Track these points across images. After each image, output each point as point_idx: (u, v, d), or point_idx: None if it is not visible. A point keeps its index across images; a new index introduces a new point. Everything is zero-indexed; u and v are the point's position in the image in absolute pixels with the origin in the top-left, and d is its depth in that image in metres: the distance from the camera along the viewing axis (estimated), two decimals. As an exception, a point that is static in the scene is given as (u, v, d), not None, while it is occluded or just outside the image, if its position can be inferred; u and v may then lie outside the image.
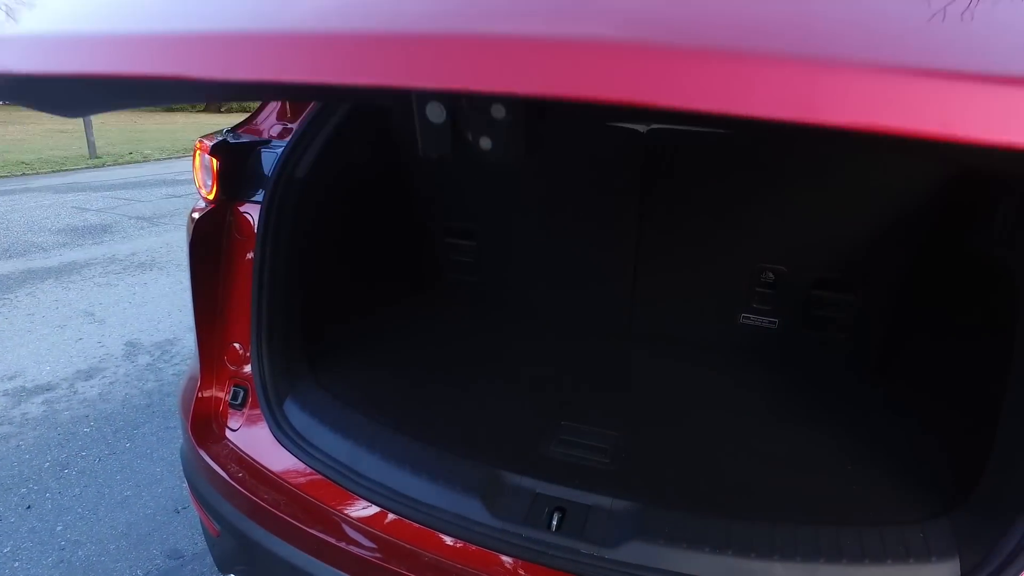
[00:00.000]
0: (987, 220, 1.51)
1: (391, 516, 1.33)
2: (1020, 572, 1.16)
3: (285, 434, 1.52)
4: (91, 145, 12.02)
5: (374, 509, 1.35)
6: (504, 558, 1.23)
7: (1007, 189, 1.40)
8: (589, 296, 2.08)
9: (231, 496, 1.49)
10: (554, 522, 1.27)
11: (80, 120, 12.25)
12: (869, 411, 1.71)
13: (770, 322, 1.92)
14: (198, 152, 1.69)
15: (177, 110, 24.09)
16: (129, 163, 12.00)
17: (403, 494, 1.34)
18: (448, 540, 1.28)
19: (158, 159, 12.57)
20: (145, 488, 2.78)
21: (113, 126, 17.83)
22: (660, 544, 1.21)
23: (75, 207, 7.95)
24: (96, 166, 11.41)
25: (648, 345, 2.01)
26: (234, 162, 1.67)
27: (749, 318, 1.92)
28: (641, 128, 1.70)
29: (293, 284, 1.70)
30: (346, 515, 1.37)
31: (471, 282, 2.22)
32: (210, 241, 1.66)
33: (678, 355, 1.96)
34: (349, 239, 2.13)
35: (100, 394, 3.52)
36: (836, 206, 1.65)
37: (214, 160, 1.64)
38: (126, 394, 3.52)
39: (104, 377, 3.71)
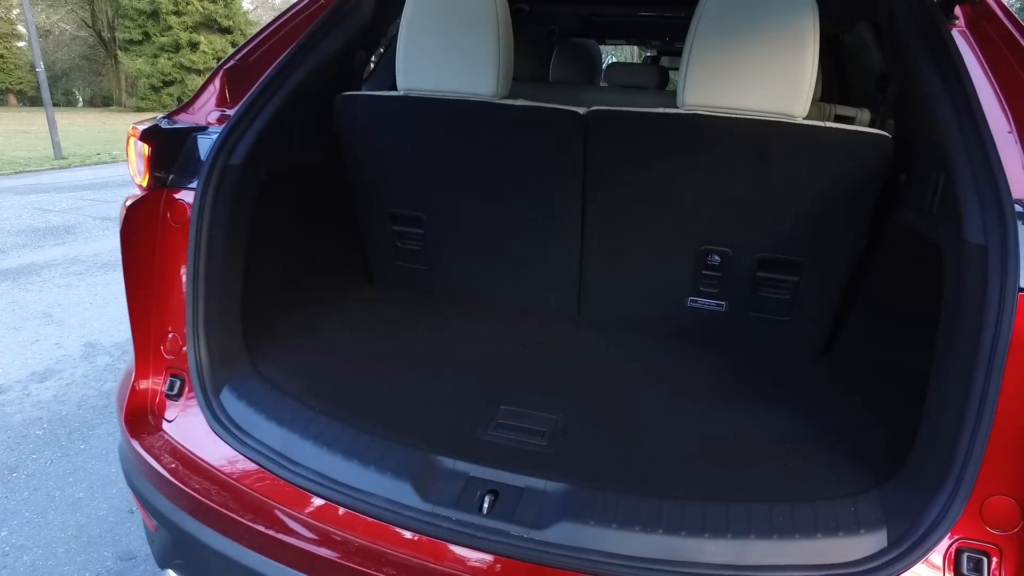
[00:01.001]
0: (920, 196, 1.53)
1: (322, 502, 1.31)
2: (942, 539, 1.18)
3: (220, 423, 1.49)
4: (56, 146, 11.78)
5: (305, 496, 1.33)
6: (434, 541, 1.22)
7: (938, 163, 1.42)
8: (537, 282, 2.07)
9: (164, 488, 1.45)
10: (485, 505, 1.26)
11: (45, 120, 12.00)
12: (812, 391, 1.73)
13: (717, 305, 1.92)
14: (131, 139, 1.65)
15: (148, 109, 23.72)
16: (97, 164, 11.78)
17: (334, 480, 1.33)
18: (378, 525, 1.26)
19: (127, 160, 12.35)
20: (99, 489, 2.72)
21: (81, 126, 17.50)
22: (590, 524, 1.21)
23: (37, 208, 7.78)
24: (62, 167, 11.19)
25: (596, 330, 2.01)
26: (167, 148, 1.64)
27: (697, 301, 1.93)
28: (581, 110, 1.69)
29: (230, 272, 1.67)
30: (278, 503, 1.35)
31: (420, 270, 2.20)
32: (142, 228, 1.62)
33: (625, 339, 1.96)
34: (291, 227, 2.10)
35: (55, 396, 3.44)
36: (776, 187, 1.65)
37: (145, 146, 1.61)
38: (83, 395, 3.45)
39: (60, 379, 3.63)
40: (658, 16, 3.19)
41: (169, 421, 1.61)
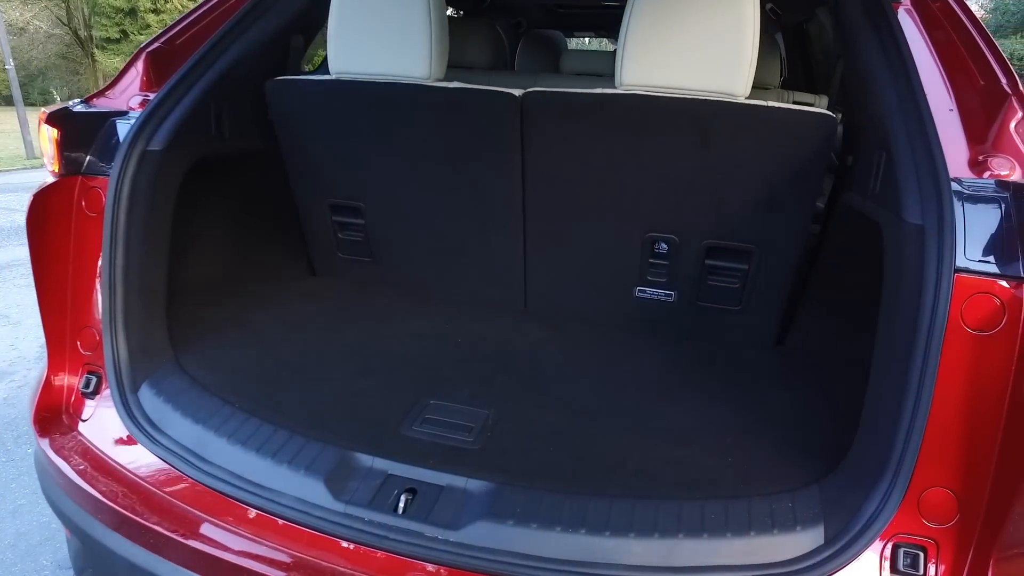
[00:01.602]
0: (865, 177, 1.48)
1: (231, 503, 1.24)
2: (878, 535, 1.13)
3: (134, 421, 1.42)
4: (28, 144, 11.57)
5: (215, 497, 1.26)
6: (343, 543, 1.15)
7: (880, 142, 1.37)
8: (482, 273, 2.00)
9: (72, 492, 1.37)
10: (401, 504, 1.20)
11: (16, 119, 11.79)
12: (761, 383, 1.67)
13: (666, 295, 1.86)
14: (41, 123, 1.57)
15: (127, 110, 23.30)
16: (69, 163, 11.54)
17: (245, 479, 1.26)
18: (288, 526, 1.19)
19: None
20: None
21: (57, 127, 17.18)
22: (508, 524, 1.15)
23: (4, 208, 7.61)
24: (34, 166, 10.98)
25: (542, 322, 1.94)
26: (77, 132, 1.55)
27: (645, 291, 1.87)
28: (516, 92, 1.63)
29: (151, 264, 1.59)
30: (187, 505, 1.28)
31: (363, 261, 2.12)
32: (54, 217, 1.54)
33: (571, 331, 1.89)
34: (228, 218, 2.02)
35: (5, 398, 3.33)
36: (720, 170, 1.60)
37: (53, 130, 1.52)
38: (33, 398, 3.33)
39: (12, 381, 3.51)
40: (620, 7, 3.13)
41: (84, 420, 1.53)
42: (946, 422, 1.13)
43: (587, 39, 8.14)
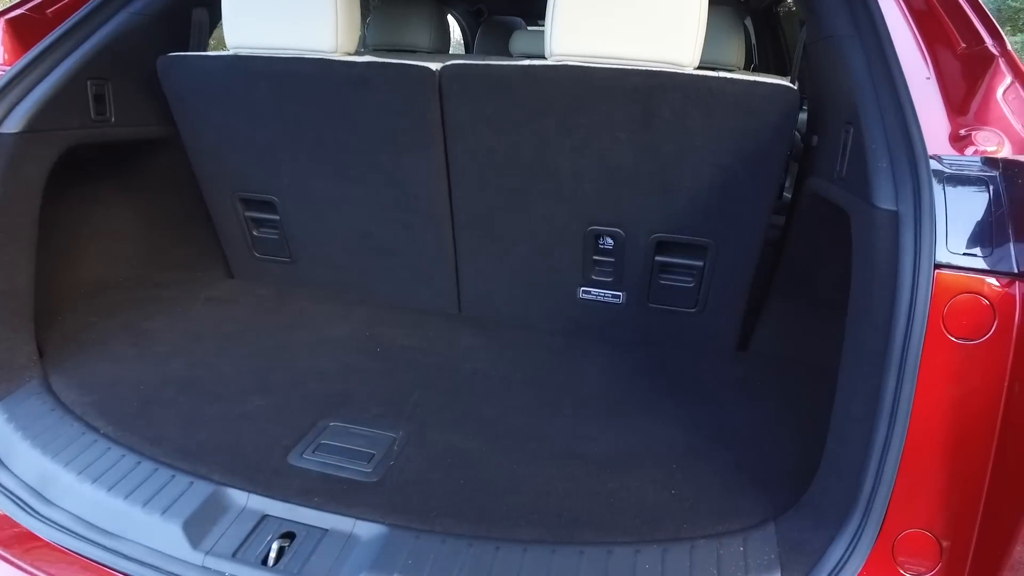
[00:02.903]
0: (831, 158, 1.28)
1: (65, 554, 1.02)
2: (846, 588, 0.93)
3: None
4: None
5: (47, 547, 1.03)
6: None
7: (848, 116, 1.17)
8: (409, 273, 1.78)
9: None
10: (272, 554, 0.99)
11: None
12: (718, 397, 1.47)
13: (614, 296, 1.65)
14: None
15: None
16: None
17: (90, 524, 1.05)
18: None
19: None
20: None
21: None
22: None
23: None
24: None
25: (476, 328, 1.72)
26: None
27: (589, 292, 1.66)
28: (434, 66, 1.41)
29: (9, 265, 1.36)
30: (15, 557, 1.04)
31: (282, 262, 1.89)
32: None
33: (507, 339, 1.68)
34: (126, 214, 1.79)
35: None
36: (667, 153, 1.39)
37: None
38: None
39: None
40: None
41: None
42: (926, 450, 0.93)
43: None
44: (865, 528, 0.94)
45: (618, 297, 1.65)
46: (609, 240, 1.58)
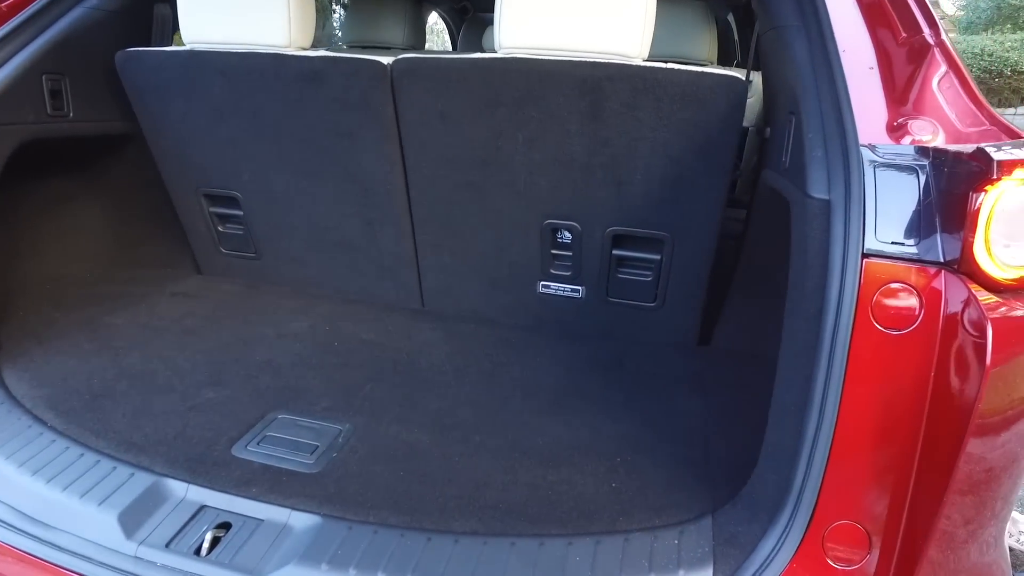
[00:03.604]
0: (779, 149, 1.27)
1: (0, 544, 1.02)
2: (776, 579, 0.92)
3: None
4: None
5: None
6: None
7: (792, 107, 1.16)
8: (372, 268, 1.78)
9: None
10: (205, 544, 0.99)
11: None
12: (670, 391, 1.46)
13: (573, 290, 1.65)
14: None
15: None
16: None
17: (26, 515, 1.05)
18: (64, 573, 0.98)
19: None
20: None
21: None
22: (320, 570, 0.94)
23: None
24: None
25: (438, 322, 1.72)
26: None
27: (549, 287, 1.65)
28: (386, 60, 1.41)
29: None
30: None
31: (247, 258, 1.89)
32: None
33: (467, 332, 1.67)
34: (88, 210, 1.79)
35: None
36: (618, 145, 1.38)
37: None
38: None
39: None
40: None
41: None
42: (855, 442, 0.92)
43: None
44: (795, 520, 0.94)
45: (578, 291, 1.65)
46: (567, 234, 1.57)
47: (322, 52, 1.47)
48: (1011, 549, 1.59)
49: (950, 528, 0.92)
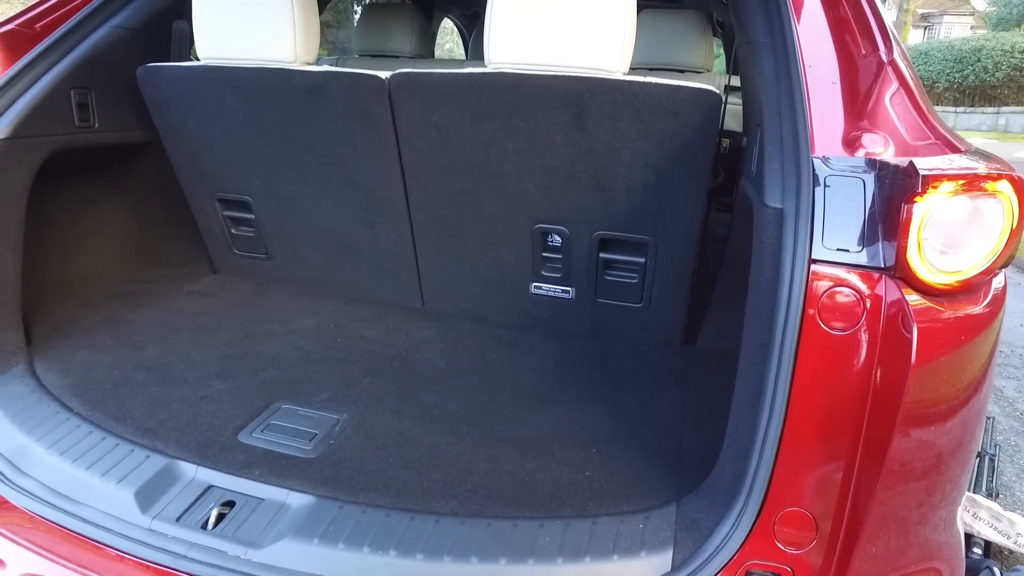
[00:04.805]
0: (750, 158, 1.34)
1: (31, 517, 1.14)
2: (727, 562, 1.00)
3: None
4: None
5: (15, 511, 1.16)
6: (137, 562, 1.04)
7: (759, 119, 1.24)
8: (374, 269, 1.88)
9: None
10: (211, 520, 1.10)
11: None
12: (652, 387, 1.54)
13: (564, 291, 1.73)
14: None
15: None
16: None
17: (54, 491, 1.17)
18: (86, 541, 1.09)
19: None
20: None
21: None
22: (313, 544, 1.04)
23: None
24: None
25: (435, 320, 1.82)
26: None
27: (541, 288, 1.74)
28: (384, 75, 1.50)
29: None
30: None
31: (259, 259, 2.01)
32: None
33: (462, 330, 1.77)
34: (112, 213, 1.92)
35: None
36: (600, 155, 1.46)
37: None
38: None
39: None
40: None
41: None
42: (802, 434, 0.99)
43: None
44: (747, 507, 1.01)
45: (568, 292, 1.73)
46: (557, 237, 1.65)
47: (325, 67, 1.57)
48: (1010, 552, 1.63)
49: (896, 511, 0.99)
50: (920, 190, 0.86)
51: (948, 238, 0.94)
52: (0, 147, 1.47)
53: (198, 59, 1.68)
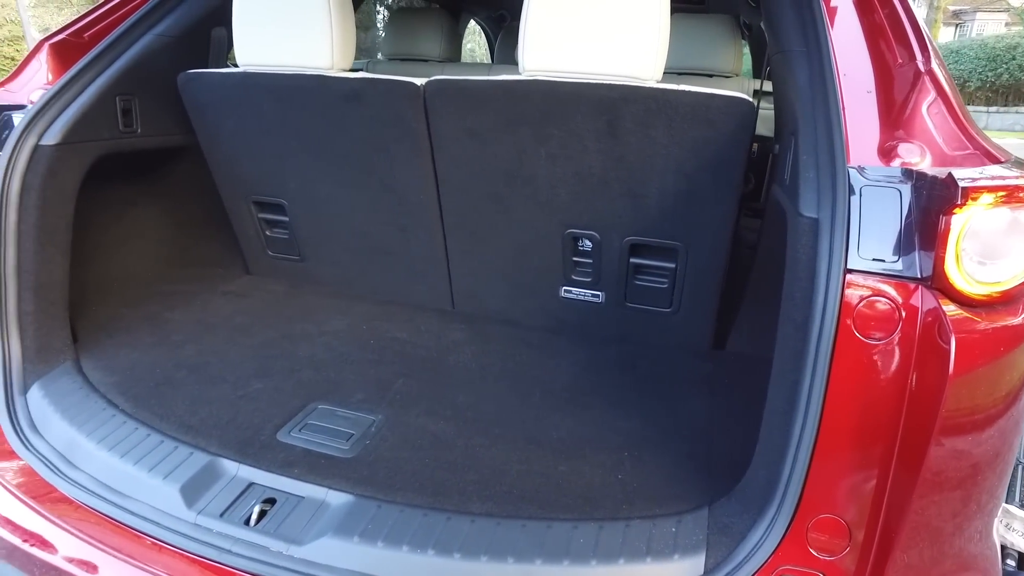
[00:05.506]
0: (783, 166, 1.35)
1: (82, 508, 1.19)
2: (760, 567, 1.01)
3: (13, 424, 1.38)
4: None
5: (68, 502, 1.21)
6: (184, 555, 1.09)
7: (793, 128, 1.24)
8: (406, 272, 1.91)
9: None
10: (254, 516, 1.14)
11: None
12: (681, 392, 1.55)
13: (594, 295, 1.75)
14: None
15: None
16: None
17: (104, 484, 1.22)
18: (132, 533, 1.14)
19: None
20: None
21: None
22: (353, 542, 1.06)
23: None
24: None
25: (465, 323, 1.84)
26: None
27: (571, 292, 1.76)
28: (419, 81, 1.53)
29: (48, 262, 1.55)
30: (45, 511, 1.22)
31: (292, 260, 2.06)
32: None
33: (493, 333, 1.79)
34: (151, 215, 1.98)
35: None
36: (632, 161, 1.47)
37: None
38: None
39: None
40: None
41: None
42: (837, 442, 1.00)
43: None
44: (780, 513, 1.02)
45: (598, 296, 1.75)
46: (587, 242, 1.67)
47: (361, 74, 1.60)
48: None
49: (931, 521, 0.99)
50: (960, 202, 0.86)
51: (987, 249, 0.94)
52: (52, 153, 1.53)
53: (236, 65, 1.72)
